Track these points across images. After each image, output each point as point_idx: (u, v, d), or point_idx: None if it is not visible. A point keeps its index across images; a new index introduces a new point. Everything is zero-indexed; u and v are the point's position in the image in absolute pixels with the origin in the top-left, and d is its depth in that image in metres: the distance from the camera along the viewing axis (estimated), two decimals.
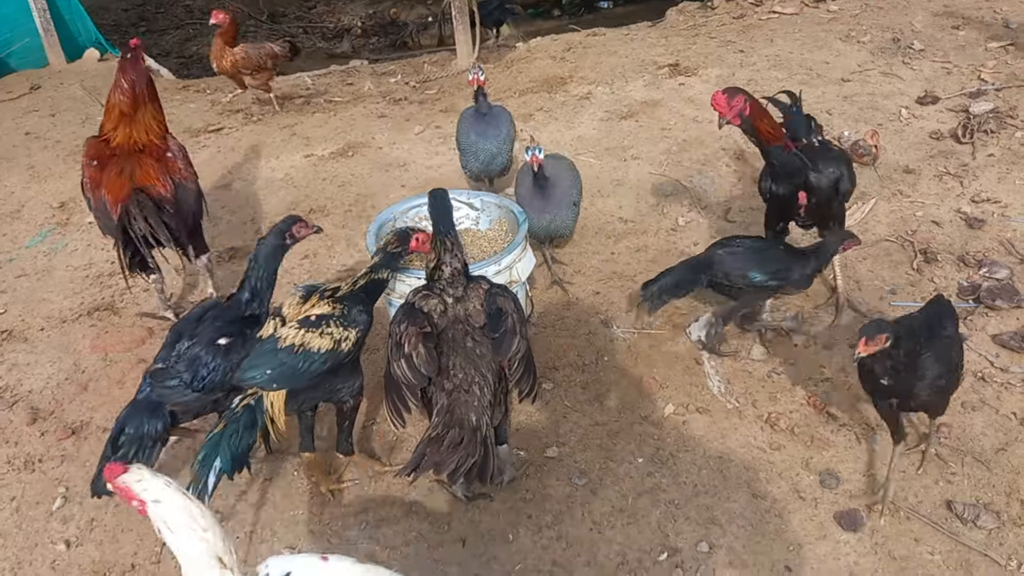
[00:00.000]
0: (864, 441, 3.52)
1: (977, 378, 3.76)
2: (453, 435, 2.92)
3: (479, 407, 3.00)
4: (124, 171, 4.02)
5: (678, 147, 5.70)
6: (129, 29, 11.91)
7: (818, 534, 3.18)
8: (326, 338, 3.04)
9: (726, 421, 3.67)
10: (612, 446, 3.59)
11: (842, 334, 4.04)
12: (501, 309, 3.15)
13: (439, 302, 3.20)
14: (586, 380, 3.93)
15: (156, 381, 3.21)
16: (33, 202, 5.75)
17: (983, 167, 5.12)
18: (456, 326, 3.14)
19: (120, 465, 2.27)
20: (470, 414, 2.98)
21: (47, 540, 3.36)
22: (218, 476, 2.91)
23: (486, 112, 4.83)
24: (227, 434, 2.95)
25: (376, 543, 3.26)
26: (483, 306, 3.19)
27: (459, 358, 3.07)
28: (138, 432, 3.12)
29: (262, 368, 3.02)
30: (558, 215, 4.35)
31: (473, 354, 3.09)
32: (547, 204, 4.30)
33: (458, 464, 2.86)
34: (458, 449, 2.89)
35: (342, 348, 3.08)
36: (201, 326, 3.30)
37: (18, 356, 4.31)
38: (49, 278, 4.91)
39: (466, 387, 3.03)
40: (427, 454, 2.90)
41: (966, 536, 3.12)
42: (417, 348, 3.03)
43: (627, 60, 7.13)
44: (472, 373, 3.05)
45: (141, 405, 3.20)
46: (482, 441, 2.94)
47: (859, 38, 6.91)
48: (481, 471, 2.91)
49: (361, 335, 3.17)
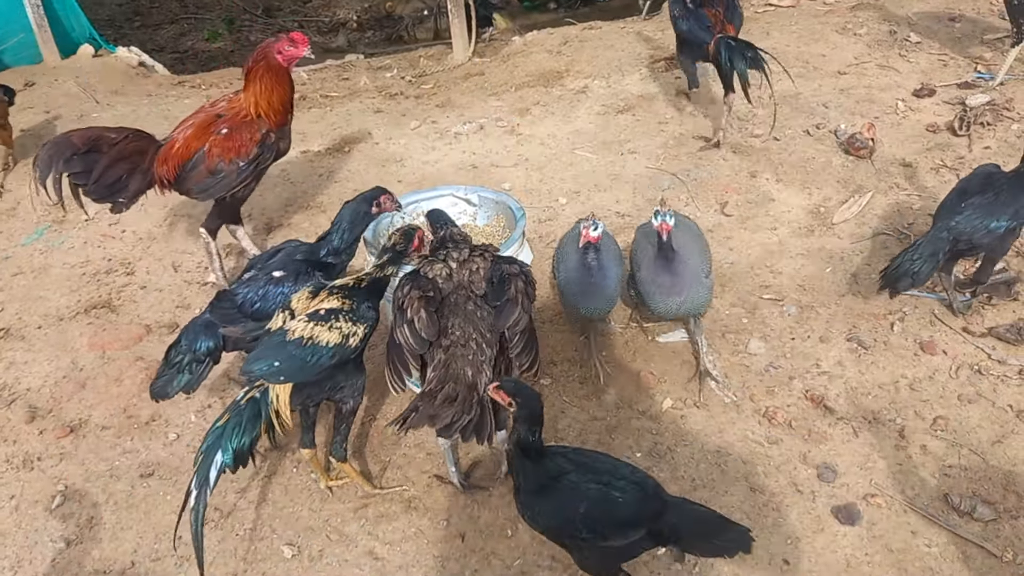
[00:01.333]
0: (861, 434, 3.54)
1: (973, 371, 3.77)
2: (448, 390, 2.92)
3: (475, 362, 2.98)
4: None
5: (675, 141, 5.70)
6: (123, 24, 11.88)
7: (816, 527, 3.19)
8: (334, 332, 3.04)
9: (723, 415, 3.68)
10: (610, 441, 3.60)
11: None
12: (506, 278, 3.12)
13: (443, 266, 3.18)
14: (584, 375, 3.93)
15: (215, 301, 3.37)
16: (28, 200, 5.72)
17: (980, 160, 5.11)
18: (459, 291, 3.13)
19: None
20: (466, 368, 2.97)
21: (47, 538, 3.37)
22: (220, 470, 2.91)
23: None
24: (230, 427, 2.93)
25: (376, 539, 3.27)
26: (487, 274, 3.17)
27: (458, 319, 3.06)
28: (191, 346, 3.33)
29: (270, 360, 3.00)
30: (691, 294, 3.67)
31: (473, 316, 3.07)
32: (676, 281, 3.64)
33: (453, 419, 2.85)
34: (453, 404, 2.88)
35: (350, 343, 3.07)
36: (272, 259, 3.46)
37: (15, 354, 4.30)
38: (46, 276, 4.90)
39: (463, 342, 3.02)
40: (420, 407, 2.89)
41: (963, 528, 3.13)
42: (419, 313, 3.02)
43: (623, 54, 7.12)
44: (470, 331, 3.04)
45: (199, 322, 3.40)
46: (478, 401, 2.91)
47: (856, 31, 6.90)
48: (478, 430, 2.87)
49: (368, 331, 3.17)
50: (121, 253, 5.07)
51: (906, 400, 3.68)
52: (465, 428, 2.86)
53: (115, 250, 5.10)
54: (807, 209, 4.92)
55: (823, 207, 4.91)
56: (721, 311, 4.23)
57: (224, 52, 11.02)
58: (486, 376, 2.98)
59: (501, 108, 6.44)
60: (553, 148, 5.80)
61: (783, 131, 5.60)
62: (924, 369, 3.81)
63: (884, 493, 3.29)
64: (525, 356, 3.09)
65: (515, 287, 3.10)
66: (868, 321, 4.08)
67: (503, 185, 5.34)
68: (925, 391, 3.71)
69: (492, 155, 5.78)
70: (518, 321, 3.06)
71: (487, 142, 5.96)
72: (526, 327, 3.10)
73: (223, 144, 4.18)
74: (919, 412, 3.62)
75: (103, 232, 5.26)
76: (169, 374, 3.36)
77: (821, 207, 4.91)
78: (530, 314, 3.14)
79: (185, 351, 3.34)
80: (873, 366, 3.85)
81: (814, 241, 4.66)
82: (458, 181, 5.34)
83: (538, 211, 5.07)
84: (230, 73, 8.41)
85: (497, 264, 3.19)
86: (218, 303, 3.41)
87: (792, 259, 4.54)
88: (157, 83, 7.94)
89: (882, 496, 3.28)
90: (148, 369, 4.12)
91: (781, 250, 4.61)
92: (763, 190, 5.11)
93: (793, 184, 5.13)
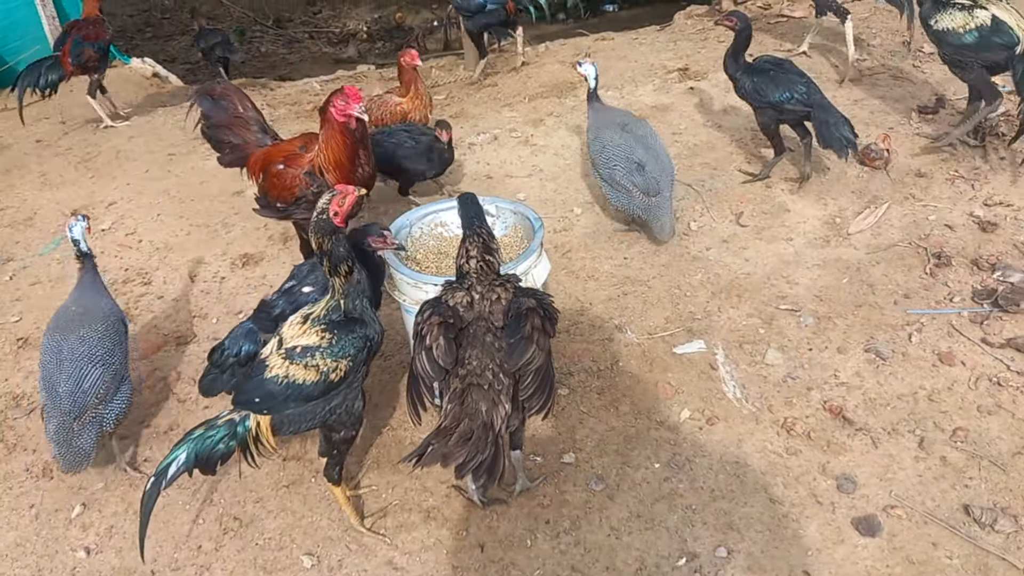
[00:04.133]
0: (880, 445, 3.53)
1: (992, 382, 3.76)
2: (464, 428, 2.88)
3: (490, 396, 2.94)
4: None
5: (689, 151, 5.70)
6: (135, 35, 11.97)
7: (836, 539, 3.18)
8: (311, 371, 2.99)
9: (742, 426, 3.68)
10: (628, 451, 3.60)
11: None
12: (523, 313, 3.03)
13: (465, 295, 3.13)
14: (601, 385, 3.93)
15: (256, 310, 3.43)
16: (45, 209, 5.77)
17: (995, 170, 5.13)
18: (479, 322, 3.07)
19: None
20: (481, 404, 2.92)
21: (67, 547, 3.38)
22: (179, 469, 2.96)
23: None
24: (200, 435, 3.01)
25: (395, 549, 3.27)
26: (507, 305, 3.08)
27: (476, 350, 3.01)
28: (234, 350, 3.42)
29: (250, 395, 3.03)
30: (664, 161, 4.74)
31: (492, 348, 3.01)
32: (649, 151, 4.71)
33: (466, 459, 2.82)
34: (467, 444, 2.84)
35: (331, 379, 3.02)
36: (312, 273, 3.49)
37: (34, 364, 4.28)
38: (63, 286, 4.91)
39: (479, 372, 2.96)
40: (434, 445, 2.86)
41: (984, 540, 3.12)
42: (438, 340, 2.99)
43: (636, 65, 7.14)
44: (487, 362, 2.98)
45: (242, 329, 3.47)
46: (493, 440, 2.87)
47: (869, 41, 6.91)
48: (490, 470, 2.85)
49: (353, 364, 3.06)
50: (138, 263, 5.09)
51: (925, 411, 3.67)
52: (478, 468, 2.83)
53: (132, 260, 5.13)
54: (822, 220, 4.91)
55: (838, 218, 4.91)
56: (738, 321, 4.23)
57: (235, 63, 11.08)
58: (503, 409, 2.94)
59: (515, 119, 6.46)
60: (567, 159, 5.81)
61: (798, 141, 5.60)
62: (943, 380, 3.80)
63: (904, 504, 3.28)
64: (537, 398, 2.98)
65: (531, 324, 2.99)
66: (886, 332, 4.08)
67: (518, 195, 5.35)
68: (944, 402, 3.70)
69: (506, 165, 5.80)
70: (531, 360, 2.96)
71: (501, 152, 5.98)
72: (541, 365, 2.99)
73: (272, 179, 4.22)
74: (938, 423, 3.61)
75: (120, 242, 5.29)
76: (214, 374, 3.44)
77: (836, 218, 4.91)
78: (547, 351, 3.05)
79: (229, 354, 3.41)
80: (891, 377, 3.84)
81: (830, 252, 4.66)
82: (473, 191, 5.33)
83: (553, 221, 5.08)
84: (242, 84, 8.44)
85: (517, 296, 3.11)
86: (258, 312, 3.45)
87: (808, 269, 4.54)
88: (171, 94, 7.99)
89: (902, 507, 3.27)
90: (166, 379, 4.14)
91: (797, 260, 4.61)
92: (778, 201, 5.11)
93: (808, 195, 5.13)
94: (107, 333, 3.60)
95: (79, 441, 3.43)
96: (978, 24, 4.73)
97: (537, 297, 3.13)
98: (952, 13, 4.79)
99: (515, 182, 5.57)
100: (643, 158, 4.66)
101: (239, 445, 3.05)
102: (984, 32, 4.72)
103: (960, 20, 4.72)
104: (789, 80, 4.91)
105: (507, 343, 3.00)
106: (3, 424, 3.95)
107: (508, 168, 5.76)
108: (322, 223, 3.00)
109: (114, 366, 3.55)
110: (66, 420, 3.41)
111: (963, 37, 4.74)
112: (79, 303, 3.75)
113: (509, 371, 2.98)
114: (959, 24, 4.72)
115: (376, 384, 4.00)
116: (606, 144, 4.76)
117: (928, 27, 4.97)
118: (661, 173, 4.66)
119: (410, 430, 3.74)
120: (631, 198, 4.69)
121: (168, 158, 6.36)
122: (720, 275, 4.55)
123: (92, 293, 3.79)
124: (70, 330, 3.58)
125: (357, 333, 3.07)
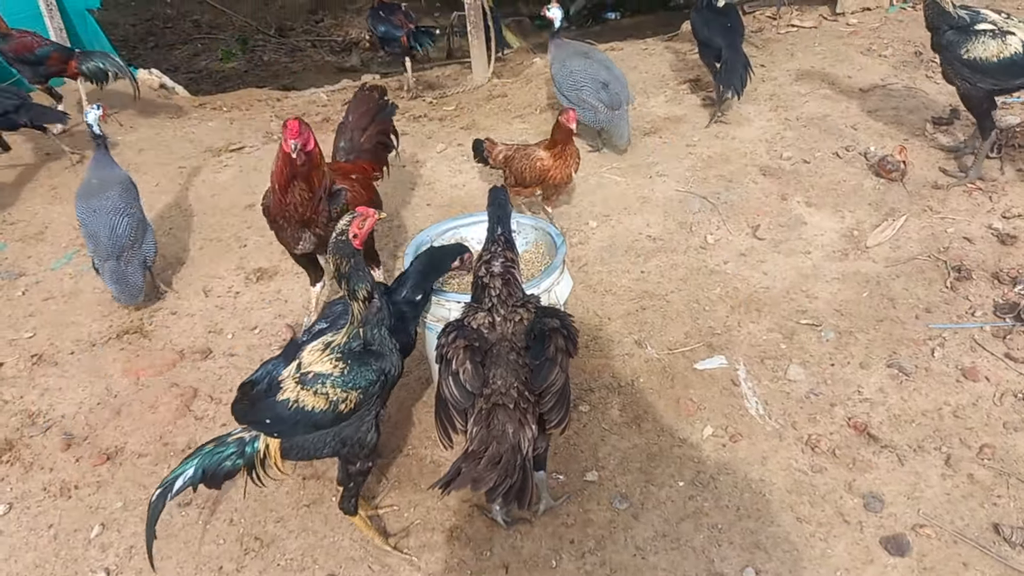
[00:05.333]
0: (906, 463, 3.50)
1: (1018, 398, 3.73)
2: (492, 451, 2.87)
3: (516, 416, 2.93)
4: None
5: (703, 163, 5.68)
6: (137, 44, 11.95)
7: (864, 559, 3.15)
8: (320, 398, 2.97)
9: (766, 443, 3.65)
10: (652, 469, 3.57)
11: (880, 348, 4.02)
12: (547, 334, 3.04)
13: (487, 316, 3.14)
14: (623, 402, 3.90)
15: (286, 347, 3.34)
16: (56, 223, 5.73)
17: (1012, 182, 5.10)
18: (503, 343, 3.08)
19: None
20: (507, 425, 2.91)
21: (86, 568, 3.34)
22: (185, 483, 3.00)
23: None
24: (208, 451, 3.04)
25: (417, 570, 3.24)
26: (529, 326, 3.10)
27: (500, 369, 3.01)
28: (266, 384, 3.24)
29: (262, 417, 3.03)
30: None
31: (516, 366, 3.01)
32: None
33: (497, 483, 2.81)
34: (497, 467, 2.83)
35: (340, 409, 2.99)
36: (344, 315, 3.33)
37: (49, 380, 4.29)
38: (76, 300, 4.89)
39: (504, 391, 2.96)
40: (464, 469, 2.84)
41: (1015, 560, 3.08)
42: (464, 365, 2.98)
43: (647, 76, 7.13)
44: (511, 380, 2.98)
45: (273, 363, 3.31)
46: (522, 464, 2.88)
47: (881, 52, 6.90)
48: (520, 494, 2.85)
49: (364, 396, 3.03)
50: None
51: (950, 427, 3.64)
52: (507, 492, 2.82)
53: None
54: (840, 232, 4.89)
55: (856, 230, 4.88)
56: (758, 336, 4.20)
57: (238, 72, 11.08)
58: (529, 431, 2.93)
59: (526, 130, 6.43)
60: (581, 171, 5.75)
61: (813, 153, 5.59)
62: (967, 396, 3.78)
63: (933, 523, 3.25)
64: (555, 412, 2.99)
65: (555, 345, 3.01)
66: (908, 347, 4.05)
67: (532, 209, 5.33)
68: (969, 418, 3.67)
69: None
70: (554, 382, 2.97)
71: None
72: (561, 387, 3.00)
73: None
74: (964, 440, 3.58)
75: None
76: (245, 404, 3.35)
77: (854, 230, 4.88)
78: (567, 371, 3.05)
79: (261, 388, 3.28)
80: (915, 392, 3.82)
81: (849, 265, 4.63)
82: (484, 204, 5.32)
83: (568, 235, 5.06)
84: (249, 94, 8.44)
85: (539, 317, 3.12)
86: (288, 348, 3.36)
87: (828, 283, 4.51)
88: (178, 105, 7.96)
89: (931, 527, 3.23)
90: (183, 396, 4.11)
91: (816, 274, 4.58)
92: (795, 213, 5.08)
93: (825, 207, 5.11)
94: (124, 193, 4.73)
95: (130, 278, 4.57)
96: (1013, 51, 4.68)
97: (560, 317, 3.13)
98: (985, 42, 4.72)
99: None
100: (607, 78, 5.73)
101: (246, 464, 3.06)
102: (1018, 57, 4.67)
103: (995, 48, 4.68)
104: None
105: (532, 363, 3.02)
106: (19, 442, 3.91)
107: None
108: (341, 245, 2.98)
109: (136, 215, 4.69)
110: (112, 261, 4.53)
111: (997, 64, 4.69)
112: (97, 175, 4.80)
113: (534, 390, 2.97)
114: (993, 52, 4.67)
115: (394, 401, 3.96)
116: (573, 70, 5.77)
117: (956, 56, 4.82)
118: (621, 90, 5.75)
119: (430, 448, 3.71)
120: (597, 113, 5.72)
121: (178, 171, 6.33)
122: (739, 289, 4.53)
123: (106, 166, 4.84)
124: (96, 195, 4.67)
125: (372, 366, 3.04)
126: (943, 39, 4.85)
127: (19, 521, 3.54)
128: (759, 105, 6.38)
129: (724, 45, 6.06)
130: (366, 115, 4.61)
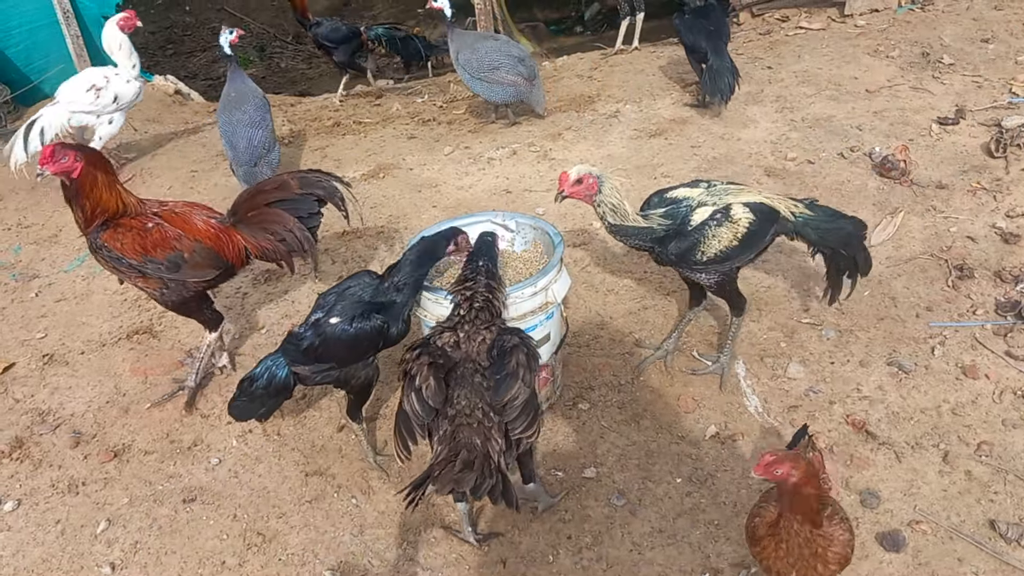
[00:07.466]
0: (904, 460, 3.51)
1: (1017, 396, 3.73)
2: (464, 456, 2.89)
3: (482, 431, 2.96)
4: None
5: (708, 165, 5.70)
6: (156, 52, 12.07)
7: (860, 554, 3.15)
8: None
9: (764, 440, 3.67)
10: (650, 466, 3.60)
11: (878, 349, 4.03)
12: (507, 351, 3.07)
13: (452, 335, 3.17)
14: (622, 400, 3.93)
15: (285, 341, 3.47)
16: (70, 226, 5.78)
17: (1016, 181, 5.09)
18: (467, 363, 3.10)
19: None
20: (474, 438, 2.94)
21: (92, 563, 3.40)
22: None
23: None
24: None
25: (417, 565, 3.28)
26: (490, 345, 3.12)
27: (465, 390, 3.03)
28: (266, 379, 3.43)
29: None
30: None
31: (480, 388, 3.04)
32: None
33: (478, 482, 2.83)
34: (472, 470, 2.85)
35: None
36: (338, 303, 3.47)
37: (60, 380, 4.37)
38: (88, 302, 4.97)
39: (468, 412, 2.99)
40: (440, 474, 2.85)
41: (1010, 556, 3.10)
42: (428, 380, 3.01)
43: (654, 78, 7.16)
44: (476, 401, 3.00)
45: (272, 359, 3.47)
46: (497, 469, 2.89)
47: (888, 53, 6.90)
48: (506, 495, 2.86)
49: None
50: None
51: (949, 425, 3.65)
52: (492, 491, 2.84)
53: None
54: None
55: None
56: (759, 335, 4.22)
57: (256, 78, 11.13)
58: (496, 443, 2.95)
59: (533, 133, 6.48)
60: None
61: (817, 154, 5.60)
62: (967, 394, 3.78)
63: (929, 519, 3.26)
64: (519, 422, 2.99)
65: (516, 360, 3.04)
66: (908, 345, 4.06)
67: (537, 210, 5.36)
68: (968, 416, 3.68)
69: (525, 180, 5.81)
70: (516, 395, 2.99)
71: (520, 167, 5.99)
72: (526, 399, 3.02)
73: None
74: (962, 437, 3.58)
75: None
76: (243, 401, 3.43)
77: None
78: (532, 386, 3.08)
79: (260, 384, 3.41)
80: (914, 390, 3.82)
81: None
82: (492, 206, 5.38)
83: (572, 235, 5.09)
84: None
85: (500, 336, 3.16)
86: (287, 343, 3.45)
87: None
88: (193, 111, 8.06)
89: (927, 523, 3.25)
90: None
91: (818, 273, 4.58)
92: None
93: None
94: (258, 107, 5.50)
95: (259, 178, 5.02)
96: (747, 224, 3.65)
97: (520, 336, 3.17)
98: (715, 232, 3.61)
99: (534, 196, 5.58)
100: (520, 53, 6.36)
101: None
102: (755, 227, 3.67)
103: (728, 233, 3.61)
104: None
105: (493, 379, 3.03)
106: (29, 440, 3.99)
107: (527, 182, 5.77)
108: None
109: (269, 127, 5.51)
110: (247, 167, 5.33)
111: (740, 245, 3.66)
112: (234, 89, 5.59)
113: (497, 407, 3.00)
114: (729, 238, 3.62)
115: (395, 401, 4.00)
116: (485, 52, 6.24)
117: (695, 262, 3.69)
118: (532, 61, 6.40)
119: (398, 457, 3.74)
120: (516, 88, 6.34)
121: (191, 175, 6.42)
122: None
123: (240, 81, 5.62)
124: (234, 109, 5.46)
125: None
126: (668, 252, 3.66)
127: (28, 517, 3.62)
128: (765, 106, 6.39)
129: (709, 50, 6.18)
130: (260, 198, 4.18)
